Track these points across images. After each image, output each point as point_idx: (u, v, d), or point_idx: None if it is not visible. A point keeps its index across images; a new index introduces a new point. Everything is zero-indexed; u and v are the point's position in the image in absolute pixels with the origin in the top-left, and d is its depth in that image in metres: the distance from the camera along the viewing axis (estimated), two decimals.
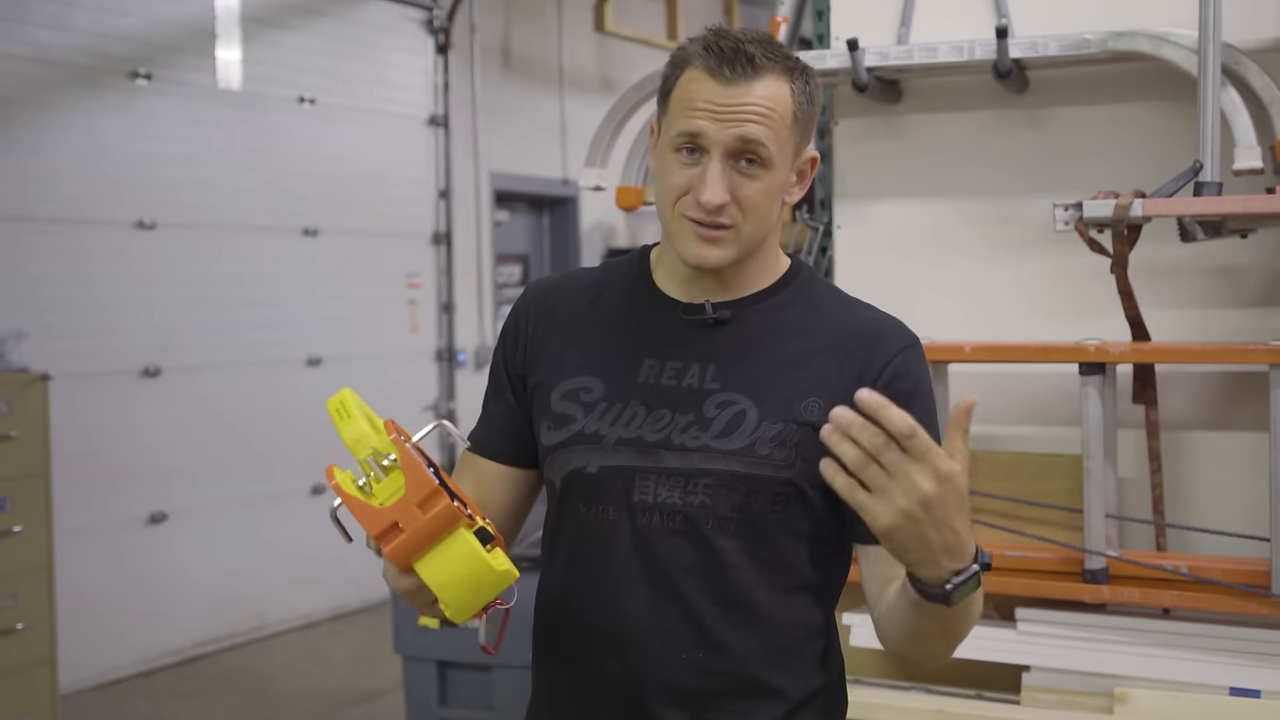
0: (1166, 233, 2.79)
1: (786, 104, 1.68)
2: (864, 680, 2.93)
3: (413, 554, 1.52)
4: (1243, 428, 2.87)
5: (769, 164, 1.68)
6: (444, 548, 1.52)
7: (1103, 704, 2.73)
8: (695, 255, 1.71)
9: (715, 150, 1.66)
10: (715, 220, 1.68)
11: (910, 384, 1.74)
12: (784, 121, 1.68)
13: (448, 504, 1.50)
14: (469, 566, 1.52)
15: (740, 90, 1.66)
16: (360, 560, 5.95)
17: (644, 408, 1.74)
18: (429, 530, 1.51)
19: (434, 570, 1.52)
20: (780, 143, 1.68)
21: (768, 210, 1.71)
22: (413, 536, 1.51)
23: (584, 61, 9.30)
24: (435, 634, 4.28)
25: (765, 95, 1.66)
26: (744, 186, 1.68)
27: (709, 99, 1.66)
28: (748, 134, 1.65)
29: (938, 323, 2.96)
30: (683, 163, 1.70)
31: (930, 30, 3.12)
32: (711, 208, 1.67)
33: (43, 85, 5.95)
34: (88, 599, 5.85)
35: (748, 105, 1.66)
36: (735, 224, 1.69)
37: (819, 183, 3.40)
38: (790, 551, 1.74)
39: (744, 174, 1.67)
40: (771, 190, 1.70)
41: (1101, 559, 2.78)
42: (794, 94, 1.69)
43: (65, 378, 5.42)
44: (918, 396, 1.74)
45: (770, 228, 1.75)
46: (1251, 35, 2.82)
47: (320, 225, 7.30)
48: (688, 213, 1.70)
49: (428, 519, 1.50)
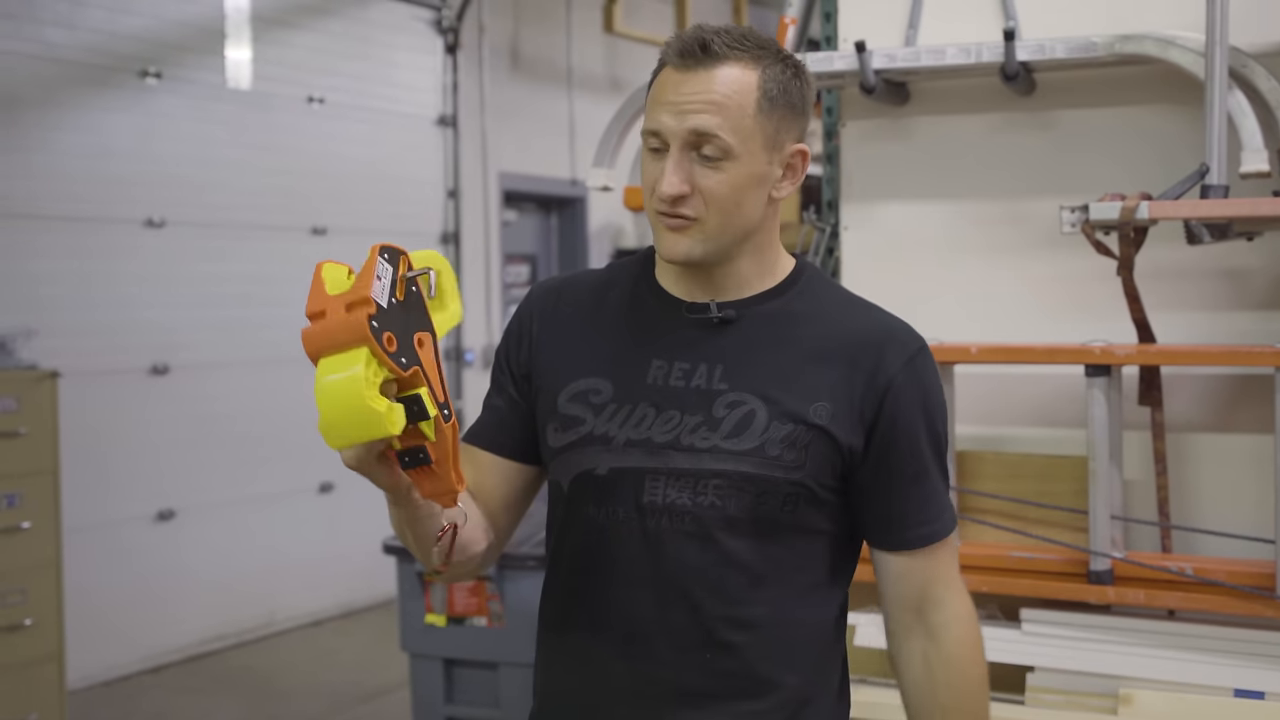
0: (1173, 235, 2.80)
1: (749, 92, 1.67)
2: (868, 680, 2.94)
3: (317, 347, 1.46)
4: (1248, 430, 2.87)
5: (730, 154, 1.67)
6: (343, 357, 1.45)
7: (1107, 705, 2.74)
8: (665, 248, 1.73)
9: (673, 142, 1.68)
10: (676, 211, 1.70)
11: (919, 390, 1.75)
12: (744, 110, 1.67)
13: (362, 316, 1.44)
14: (348, 387, 1.43)
15: (697, 78, 1.67)
16: (367, 559, 5.97)
17: (653, 409, 1.74)
18: (336, 331, 1.45)
19: (323, 372, 1.45)
20: (742, 133, 1.68)
21: (737, 203, 1.70)
22: (323, 329, 1.46)
23: (593, 62, 9.31)
24: (442, 632, 4.29)
25: (722, 83, 1.67)
26: (705, 178, 1.68)
27: (670, 92, 1.68)
28: (698, 125, 1.66)
29: (944, 324, 2.96)
30: (652, 160, 1.72)
31: (938, 32, 3.12)
32: (666, 197, 1.68)
33: (52, 84, 5.96)
34: (96, 596, 5.87)
35: (700, 94, 1.66)
36: (699, 216, 1.70)
37: (826, 184, 3.41)
38: (800, 552, 1.75)
39: (706, 165, 1.68)
40: (737, 182, 1.69)
41: (1106, 560, 2.78)
42: (761, 82, 1.68)
43: (74, 375, 5.43)
44: (926, 402, 1.76)
45: (750, 223, 1.74)
46: (1259, 38, 2.82)
47: (329, 224, 7.31)
48: (656, 207, 1.71)
49: (340, 319, 1.45)
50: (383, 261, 1.50)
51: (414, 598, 4.33)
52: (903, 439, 1.74)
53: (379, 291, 1.47)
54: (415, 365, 1.50)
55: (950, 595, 1.79)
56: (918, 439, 1.76)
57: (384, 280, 1.48)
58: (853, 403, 1.72)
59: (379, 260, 1.49)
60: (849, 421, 1.72)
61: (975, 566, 2.90)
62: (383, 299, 1.47)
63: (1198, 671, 2.71)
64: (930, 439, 1.77)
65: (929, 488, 1.78)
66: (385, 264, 1.50)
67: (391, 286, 1.49)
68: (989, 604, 3.02)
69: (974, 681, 1.80)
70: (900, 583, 1.79)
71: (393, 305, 1.49)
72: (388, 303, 1.48)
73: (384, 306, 1.47)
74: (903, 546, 1.78)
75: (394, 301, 1.49)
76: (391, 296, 1.49)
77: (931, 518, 1.78)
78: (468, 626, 4.28)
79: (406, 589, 4.35)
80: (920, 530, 1.78)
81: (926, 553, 1.78)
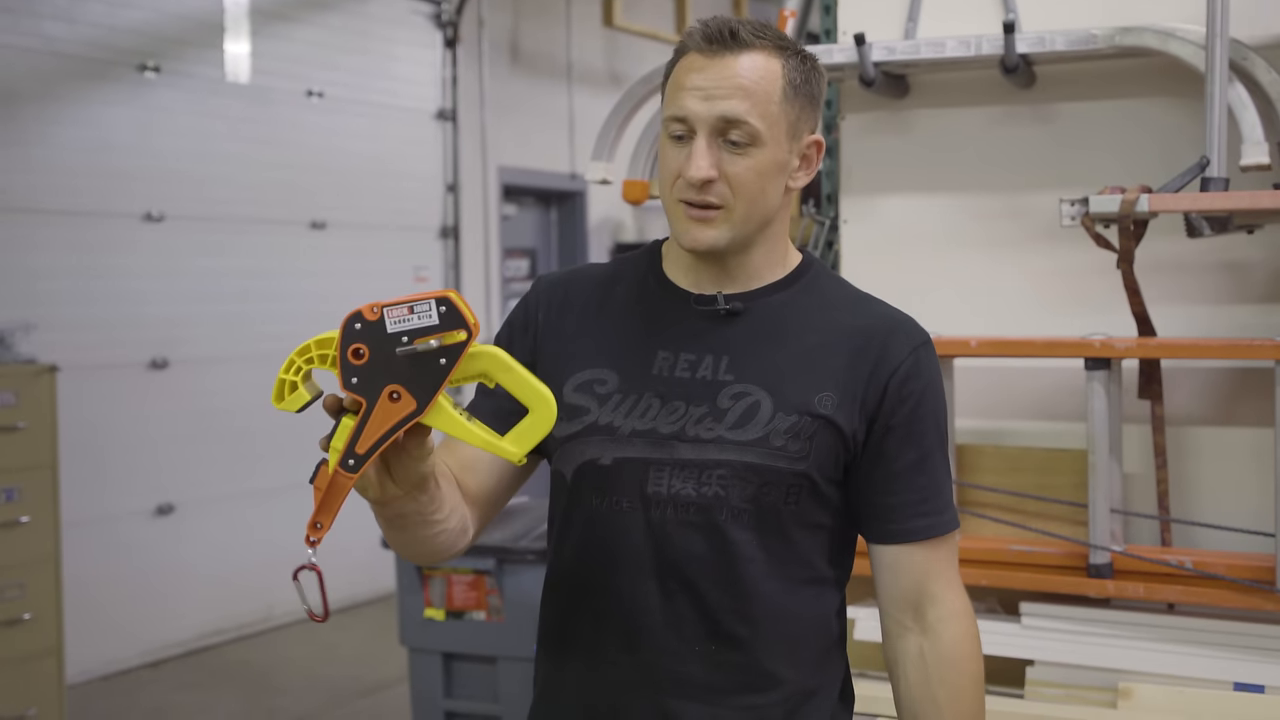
0: (1173, 228, 2.79)
1: (775, 79, 1.69)
2: (867, 674, 2.93)
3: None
4: (1248, 423, 2.87)
5: (758, 140, 1.69)
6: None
7: (1107, 698, 2.73)
8: (689, 237, 1.72)
9: (701, 128, 1.68)
10: (704, 199, 1.70)
11: (922, 384, 1.75)
12: (771, 97, 1.69)
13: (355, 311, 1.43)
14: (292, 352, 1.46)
15: (724, 64, 1.68)
16: (366, 553, 5.98)
17: (658, 399, 1.74)
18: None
19: None
20: (769, 119, 1.69)
21: (761, 190, 1.71)
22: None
23: (592, 56, 9.30)
24: (441, 626, 4.30)
25: (749, 69, 1.68)
26: (733, 164, 1.69)
27: (696, 78, 1.69)
28: (729, 111, 1.67)
29: (944, 318, 2.96)
30: (676, 147, 1.71)
31: (937, 25, 3.11)
32: (696, 181, 1.68)
33: (51, 77, 5.96)
34: (94, 590, 5.87)
35: (730, 79, 1.67)
36: (726, 203, 1.70)
37: (825, 177, 3.40)
38: (803, 544, 1.75)
39: (732, 151, 1.69)
40: (763, 169, 1.70)
41: (1106, 554, 2.78)
42: (785, 70, 1.70)
43: (73, 369, 5.43)
44: (928, 396, 1.76)
45: (770, 211, 1.75)
46: (1259, 31, 2.82)
47: (328, 219, 7.31)
48: (680, 195, 1.71)
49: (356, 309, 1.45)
50: (433, 306, 1.43)
51: (413, 592, 4.33)
52: (903, 428, 1.74)
53: (394, 313, 1.42)
54: (357, 396, 1.44)
55: (948, 593, 1.78)
56: (919, 429, 1.76)
57: (416, 316, 1.42)
58: (856, 392, 1.72)
59: (429, 302, 1.43)
60: (852, 410, 1.72)
61: (975, 560, 2.90)
62: (391, 320, 1.42)
63: (1197, 665, 2.71)
64: (933, 432, 1.77)
65: (929, 480, 1.77)
66: (432, 310, 1.43)
67: (417, 330, 1.42)
68: (988, 597, 3.02)
69: (970, 678, 1.79)
70: (897, 577, 1.78)
71: (401, 342, 1.42)
72: (394, 332, 1.42)
73: (386, 327, 1.42)
74: (900, 538, 1.77)
75: (404, 340, 1.42)
76: (408, 335, 1.42)
77: (931, 511, 1.77)
78: (467, 621, 4.28)
79: (405, 583, 4.35)
80: (918, 522, 1.77)
81: (924, 547, 1.77)
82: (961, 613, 1.79)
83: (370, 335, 1.43)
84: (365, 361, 1.43)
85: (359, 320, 1.43)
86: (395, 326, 1.43)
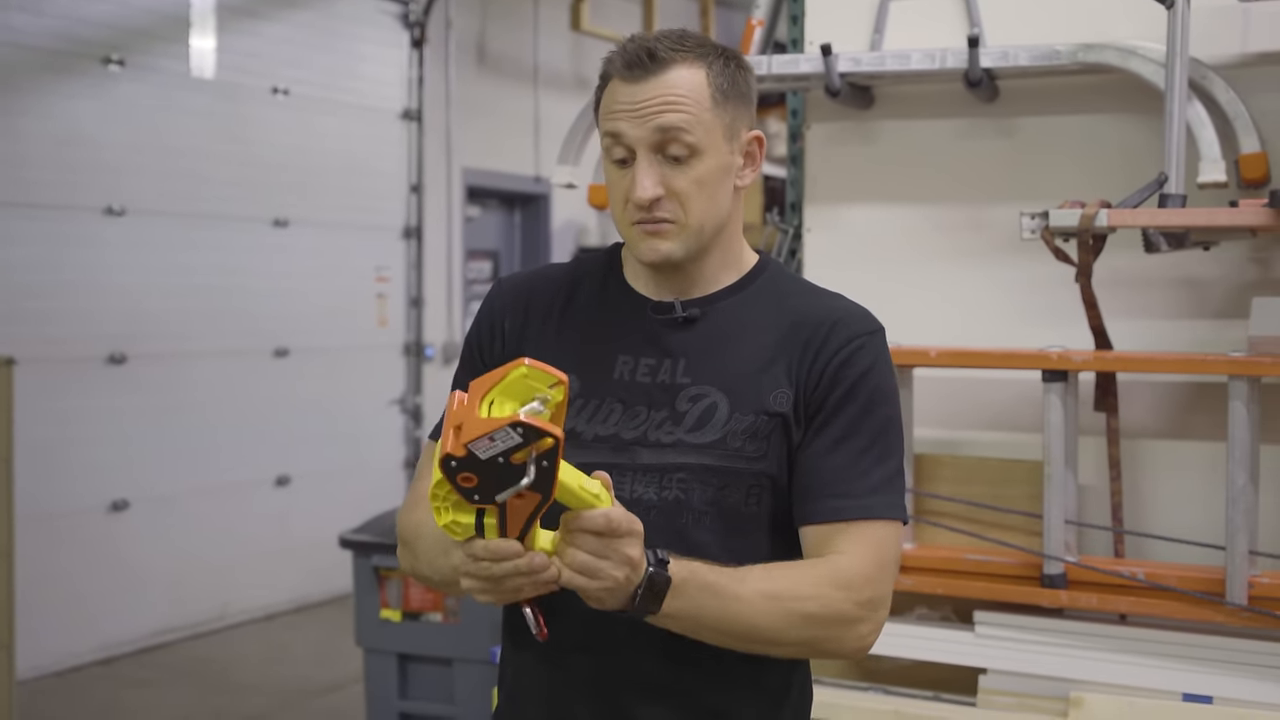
0: (1132, 243, 2.82)
1: (701, 88, 1.71)
2: (823, 680, 2.95)
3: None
4: (1202, 437, 2.90)
5: (696, 151, 1.70)
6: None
7: (1058, 708, 2.76)
8: (649, 251, 1.74)
9: (639, 148, 1.70)
10: (654, 216, 1.71)
11: (857, 370, 1.73)
12: (702, 105, 1.70)
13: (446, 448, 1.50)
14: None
15: (649, 85, 1.70)
16: (322, 552, 5.95)
17: (620, 404, 1.76)
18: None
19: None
20: (704, 127, 1.70)
21: (711, 197, 1.73)
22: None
23: (559, 59, 9.30)
24: (397, 627, 4.28)
25: (675, 83, 1.70)
26: (677, 179, 1.71)
27: (623, 100, 1.71)
28: (663, 123, 1.69)
29: (906, 327, 2.97)
30: (619, 171, 1.74)
31: (903, 38, 3.14)
32: (643, 203, 1.70)
33: (14, 69, 5.91)
34: (47, 585, 5.82)
35: (657, 97, 1.69)
36: (676, 218, 1.72)
37: (790, 186, 3.42)
38: (765, 544, 1.75)
39: (674, 166, 1.70)
40: (707, 178, 1.72)
41: (1060, 564, 2.80)
42: (710, 76, 1.72)
43: (30, 363, 5.38)
44: (865, 384, 1.73)
45: (723, 216, 1.76)
46: (1218, 50, 2.86)
47: (291, 216, 7.28)
48: (632, 218, 1.73)
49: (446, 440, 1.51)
50: (509, 431, 1.47)
51: (369, 592, 4.31)
52: (830, 410, 1.72)
53: (478, 446, 1.47)
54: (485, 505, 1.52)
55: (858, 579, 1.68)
56: (848, 413, 1.72)
57: (499, 442, 1.47)
58: (799, 381, 1.73)
59: (505, 429, 1.47)
60: (796, 401, 1.72)
61: (930, 569, 2.92)
62: (480, 452, 1.47)
63: (1148, 675, 2.74)
64: (864, 418, 1.73)
65: (847, 461, 1.72)
66: (510, 434, 1.47)
67: (508, 450, 1.48)
68: (943, 606, 3.04)
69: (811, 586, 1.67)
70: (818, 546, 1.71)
71: (499, 464, 1.48)
72: (489, 459, 1.48)
73: (480, 458, 1.48)
74: (808, 518, 1.72)
75: (500, 461, 1.48)
76: (502, 456, 1.48)
77: (846, 494, 1.71)
78: (423, 622, 4.27)
79: (362, 583, 4.34)
80: (828, 503, 1.71)
81: (835, 530, 1.70)
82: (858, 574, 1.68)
83: (470, 466, 1.49)
84: (478, 484, 1.50)
85: (451, 460, 1.48)
86: (487, 454, 1.48)
